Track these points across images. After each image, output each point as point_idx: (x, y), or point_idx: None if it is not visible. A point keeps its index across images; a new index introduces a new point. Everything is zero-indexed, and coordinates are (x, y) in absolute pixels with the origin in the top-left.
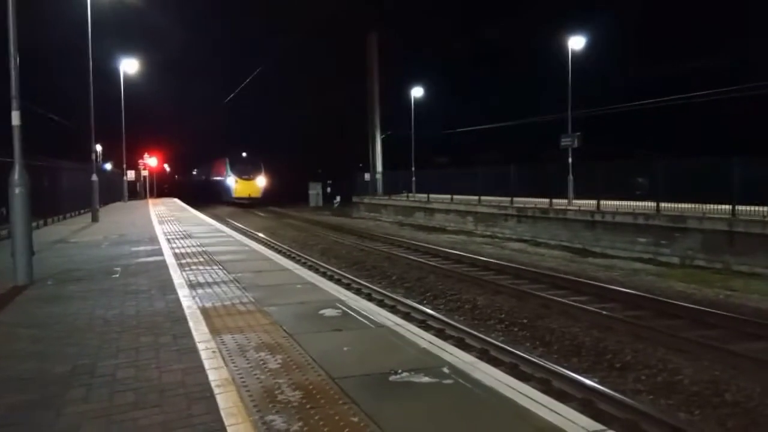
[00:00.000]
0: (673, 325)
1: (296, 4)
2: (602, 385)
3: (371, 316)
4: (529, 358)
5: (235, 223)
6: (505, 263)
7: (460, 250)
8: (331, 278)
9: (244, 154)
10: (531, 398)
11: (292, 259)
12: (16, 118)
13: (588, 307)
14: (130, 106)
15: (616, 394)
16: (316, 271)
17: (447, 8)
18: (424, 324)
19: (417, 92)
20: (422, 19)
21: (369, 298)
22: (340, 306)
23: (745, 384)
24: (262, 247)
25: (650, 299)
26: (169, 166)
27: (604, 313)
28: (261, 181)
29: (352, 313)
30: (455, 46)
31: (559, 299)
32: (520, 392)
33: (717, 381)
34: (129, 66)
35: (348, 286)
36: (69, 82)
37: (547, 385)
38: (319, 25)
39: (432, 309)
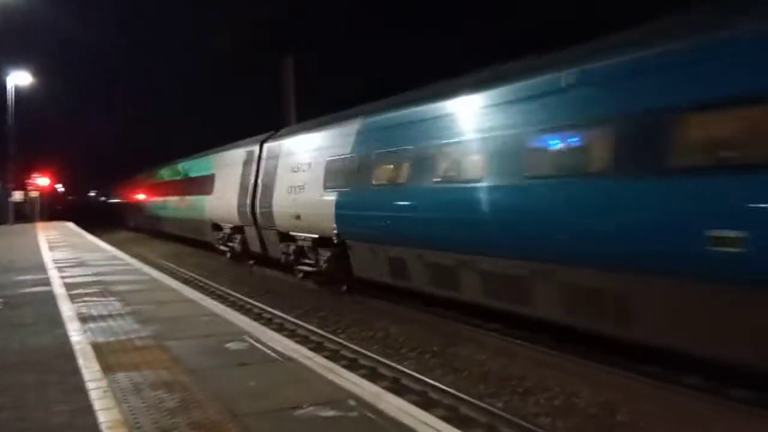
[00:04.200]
0: None
1: (210, 26)
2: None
3: (280, 349)
4: (439, 385)
5: (137, 250)
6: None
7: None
8: (240, 309)
9: None
10: (433, 427)
11: (199, 288)
12: None
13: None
14: (20, 123)
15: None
16: (225, 301)
17: (363, 32)
18: (336, 354)
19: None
20: (337, 44)
21: (280, 328)
22: (248, 339)
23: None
24: (166, 276)
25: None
26: (63, 186)
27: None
28: None
29: (260, 346)
30: (369, 70)
31: (469, 327)
32: (423, 422)
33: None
34: (20, 79)
35: (258, 317)
36: None
37: (455, 411)
38: (234, 49)
39: (345, 339)
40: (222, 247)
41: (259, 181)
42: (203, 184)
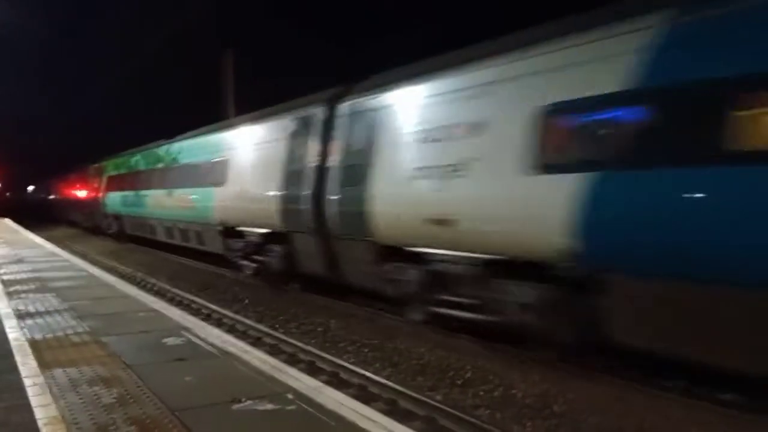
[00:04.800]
0: None
1: (149, 17)
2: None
3: (218, 344)
4: (378, 379)
5: (76, 247)
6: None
7: None
8: (179, 304)
9: None
10: (372, 420)
11: (137, 284)
12: None
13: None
14: None
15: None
16: (163, 296)
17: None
18: (275, 348)
19: None
20: (278, 40)
21: (219, 323)
22: (186, 334)
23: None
24: (103, 272)
25: None
26: (0, 182)
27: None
28: None
29: (198, 341)
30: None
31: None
32: (363, 415)
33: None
34: None
35: (197, 312)
36: None
37: (394, 405)
38: (171, 43)
39: (284, 333)
40: (242, 262)
41: (330, 164)
42: (207, 173)
